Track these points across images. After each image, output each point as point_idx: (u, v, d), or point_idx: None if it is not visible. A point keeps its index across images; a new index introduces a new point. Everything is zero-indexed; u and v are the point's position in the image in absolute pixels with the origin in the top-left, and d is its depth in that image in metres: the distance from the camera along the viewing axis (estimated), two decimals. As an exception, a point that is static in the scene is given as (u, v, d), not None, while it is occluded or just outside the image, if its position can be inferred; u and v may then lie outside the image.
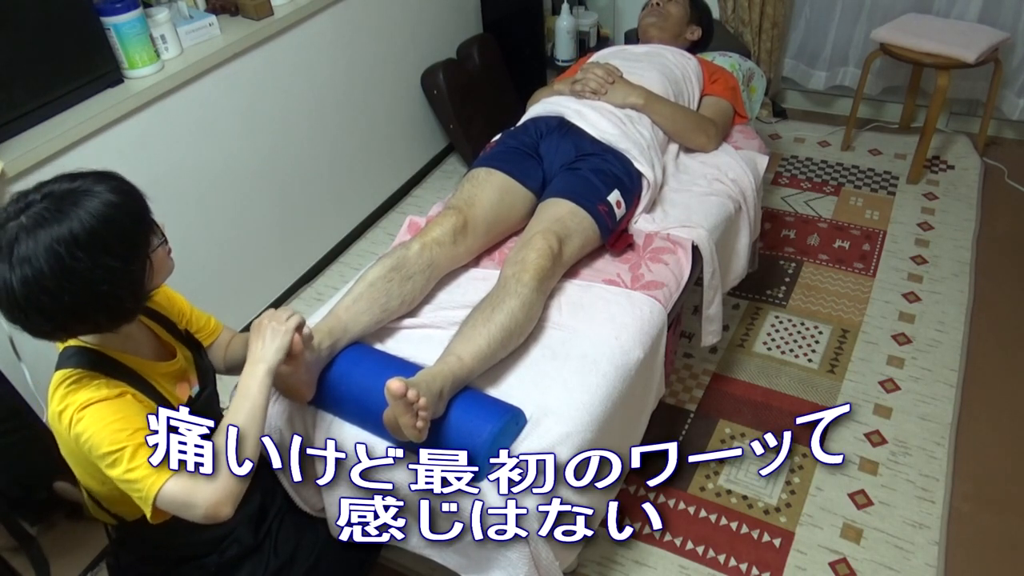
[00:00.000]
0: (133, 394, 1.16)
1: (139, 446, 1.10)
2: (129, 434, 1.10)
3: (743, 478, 1.91)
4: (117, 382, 1.15)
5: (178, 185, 2.09)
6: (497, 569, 1.29)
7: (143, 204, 1.15)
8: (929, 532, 1.76)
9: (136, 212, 1.13)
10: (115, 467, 1.10)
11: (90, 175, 1.13)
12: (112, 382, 1.15)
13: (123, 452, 1.09)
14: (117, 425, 1.10)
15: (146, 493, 1.09)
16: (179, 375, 1.30)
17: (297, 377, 1.34)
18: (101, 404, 1.11)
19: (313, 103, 2.51)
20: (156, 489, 1.09)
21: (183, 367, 1.32)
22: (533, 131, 1.94)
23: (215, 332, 1.47)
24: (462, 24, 3.20)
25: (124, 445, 1.09)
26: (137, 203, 1.14)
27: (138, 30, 1.89)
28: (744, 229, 2.04)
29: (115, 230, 1.07)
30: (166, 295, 1.39)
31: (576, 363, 1.46)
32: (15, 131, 1.73)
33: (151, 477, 1.09)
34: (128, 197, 1.12)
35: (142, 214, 1.14)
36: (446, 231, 1.64)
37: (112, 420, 1.10)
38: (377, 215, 3.01)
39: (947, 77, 2.67)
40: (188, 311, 1.43)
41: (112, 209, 1.07)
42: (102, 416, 1.10)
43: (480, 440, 1.26)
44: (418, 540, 1.40)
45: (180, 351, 1.33)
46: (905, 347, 2.24)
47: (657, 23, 2.31)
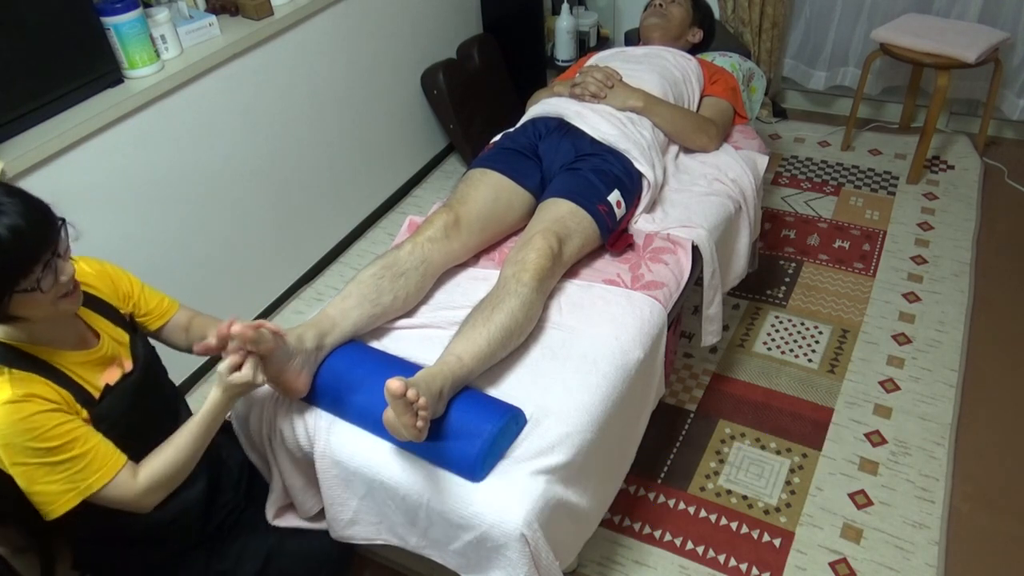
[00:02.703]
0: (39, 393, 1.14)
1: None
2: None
3: (743, 478, 1.91)
4: (25, 374, 1.14)
5: (178, 185, 2.09)
6: (497, 569, 1.29)
7: (36, 241, 1.07)
8: (929, 532, 1.76)
9: (17, 250, 1.05)
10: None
11: (9, 189, 1.07)
12: (17, 375, 1.13)
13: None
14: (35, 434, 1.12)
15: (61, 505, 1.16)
16: (104, 360, 1.27)
17: (281, 369, 1.34)
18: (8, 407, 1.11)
19: (313, 103, 2.51)
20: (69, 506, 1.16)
21: (111, 352, 1.29)
22: (532, 132, 1.94)
23: (167, 313, 1.44)
24: (462, 24, 3.20)
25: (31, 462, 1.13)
26: (25, 240, 1.05)
27: (138, 30, 1.89)
28: (744, 229, 2.04)
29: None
30: (109, 278, 1.36)
31: (576, 363, 1.46)
32: (15, 131, 1.73)
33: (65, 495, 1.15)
34: (20, 231, 1.04)
35: (21, 255, 1.06)
36: (437, 228, 1.64)
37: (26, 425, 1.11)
38: (377, 215, 3.01)
39: (947, 77, 2.67)
40: (136, 293, 1.40)
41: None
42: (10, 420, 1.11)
43: (480, 440, 1.26)
44: (418, 540, 1.40)
45: (110, 335, 1.30)
46: (905, 347, 2.24)
47: (659, 24, 2.30)
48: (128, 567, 1.40)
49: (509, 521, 1.23)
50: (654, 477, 1.93)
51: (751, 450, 1.98)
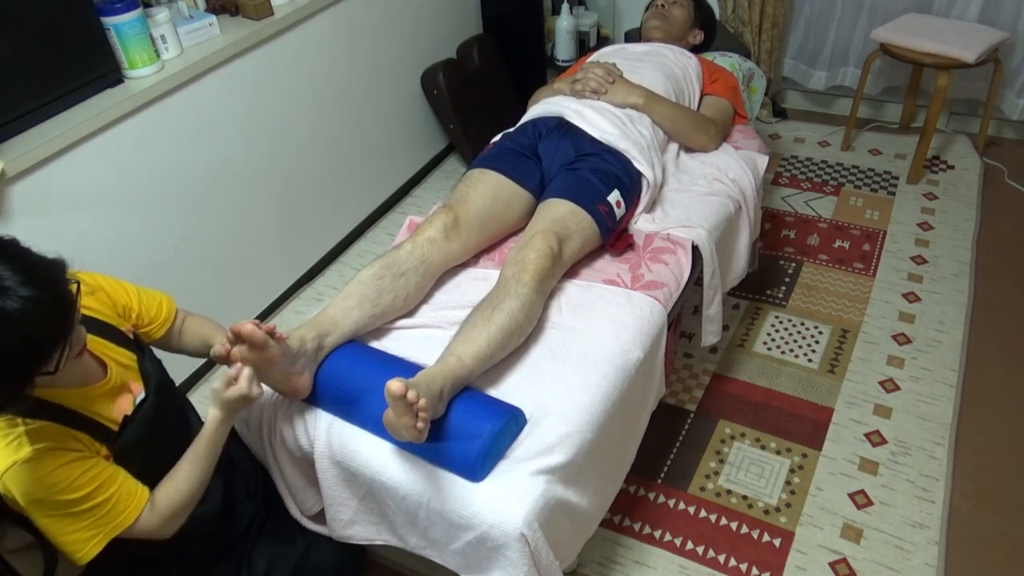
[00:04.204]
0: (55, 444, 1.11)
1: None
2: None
3: (743, 478, 1.91)
4: (39, 424, 1.09)
5: (178, 185, 2.09)
6: (497, 569, 1.29)
7: (55, 328, 0.99)
8: (929, 532, 1.76)
9: (37, 340, 0.97)
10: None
11: (26, 272, 0.96)
12: (32, 427, 1.09)
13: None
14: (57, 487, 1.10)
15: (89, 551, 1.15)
16: (115, 391, 1.22)
17: (286, 373, 1.34)
18: (26, 465, 1.07)
19: (313, 103, 2.51)
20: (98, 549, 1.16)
21: (120, 381, 1.24)
22: (532, 132, 1.94)
23: (168, 320, 1.40)
24: (462, 24, 3.20)
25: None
26: (44, 330, 0.97)
27: (138, 30, 1.89)
28: (744, 229, 2.04)
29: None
30: (105, 294, 1.30)
31: (576, 363, 1.46)
32: (15, 131, 1.73)
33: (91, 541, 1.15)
34: (40, 321, 0.96)
35: (41, 344, 0.98)
36: (437, 228, 1.64)
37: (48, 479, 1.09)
38: (377, 215, 3.01)
39: (947, 77, 2.67)
40: (136, 304, 1.34)
41: (8, 328, 0.93)
42: (34, 475, 1.08)
43: (480, 440, 1.26)
44: (418, 540, 1.40)
45: (117, 361, 1.25)
46: (905, 347, 2.24)
47: (661, 26, 2.30)
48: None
49: (509, 521, 1.23)
50: (654, 477, 1.93)
51: (751, 450, 1.98)
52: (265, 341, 1.25)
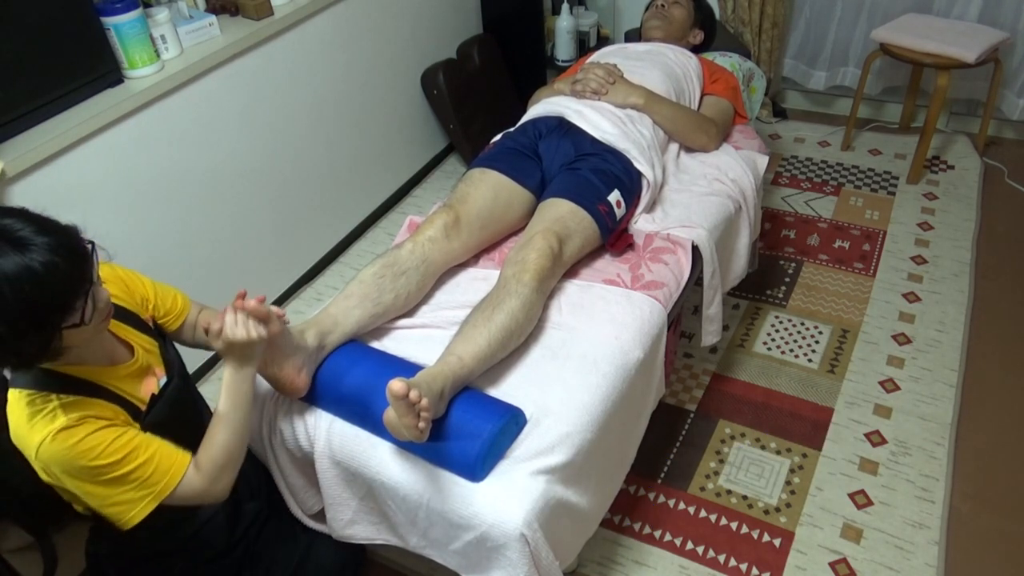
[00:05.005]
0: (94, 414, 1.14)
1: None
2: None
3: (743, 478, 1.91)
4: (74, 398, 1.12)
5: (178, 185, 2.09)
6: (497, 569, 1.29)
7: (73, 277, 1.03)
8: (929, 532, 1.76)
9: (57, 288, 1.01)
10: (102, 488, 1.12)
11: (40, 224, 1.02)
12: (67, 400, 1.11)
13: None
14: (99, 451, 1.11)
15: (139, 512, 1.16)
16: (141, 372, 1.26)
17: (283, 361, 1.34)
18: (70, 430, 1.10)
19: (313, 103, 2.51)
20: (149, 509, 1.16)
21: (145, 363, 1.27)
22: (532, 132, 1.94)
23: (183, 312, 1.42)
24: (462, 24, 3.20)
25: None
26: (62, 277, 1.01)
27: (138, 30, 1.89)
28: (744, 229, 2.04)
29: (18, 298, 0.96)
30: (123, 283, 1.33)
31: (576, 363, 1.46)
32: (15, 131, 1.73)
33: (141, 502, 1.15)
34: (56, 268, 1.00)
35: (62, 292, 1.02)
36: (437, 227, 1.64)
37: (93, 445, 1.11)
38: (377, 215, 3.01)
39: (947, 77, 2.67)
40: (152, 296, 1.37)
41: (27, 275, 0.97)
42: (80, 440, 1.10)
43: (480, 440, 1.26)
44: (418, 540, 1.40)
45: (140, 345, 1.28)
46: (905, 347, 2.24)
47: (661, 26, 2.31)
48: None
49: (509, 521, 1.23)
50: (654, 477, 1.93)
51: (751, 450, 1.98)
52: (268, 314, 1.26)
